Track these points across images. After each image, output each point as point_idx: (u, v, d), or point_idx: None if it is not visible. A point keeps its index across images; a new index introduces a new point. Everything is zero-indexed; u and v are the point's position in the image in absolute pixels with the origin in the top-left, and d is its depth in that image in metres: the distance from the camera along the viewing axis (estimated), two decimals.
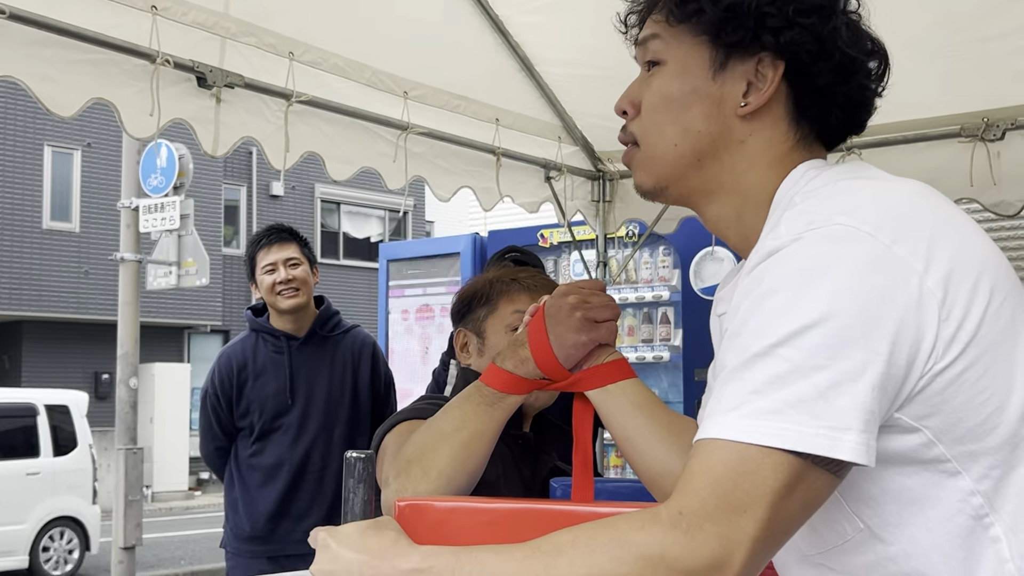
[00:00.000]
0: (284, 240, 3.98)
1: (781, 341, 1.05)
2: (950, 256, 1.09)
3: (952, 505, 1.10)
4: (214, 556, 11.93)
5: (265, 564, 3.88)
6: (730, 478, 1.04)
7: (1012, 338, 1.11)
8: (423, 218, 26.00)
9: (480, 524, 1.35)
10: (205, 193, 20.33)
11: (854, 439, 1.03)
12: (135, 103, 2.93)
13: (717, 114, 1.26)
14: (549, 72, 4.24)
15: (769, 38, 1.23)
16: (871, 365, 1.04)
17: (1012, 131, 3.85)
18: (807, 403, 1.03)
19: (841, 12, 1.25)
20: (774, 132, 1.26)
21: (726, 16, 1.24)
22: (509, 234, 5.60)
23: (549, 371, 1.61)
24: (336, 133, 3.61)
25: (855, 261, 1.06)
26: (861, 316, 1.04)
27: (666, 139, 1.30)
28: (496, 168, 4.21)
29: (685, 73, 1.28)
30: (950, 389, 1.08)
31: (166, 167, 10.07)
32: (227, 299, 22.83)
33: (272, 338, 3.97)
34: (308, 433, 3.90)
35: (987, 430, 1.09)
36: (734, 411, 1.06)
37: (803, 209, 1.15)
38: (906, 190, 1.17)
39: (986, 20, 3.49)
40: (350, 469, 1.25)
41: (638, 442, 1.57)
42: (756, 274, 1.12)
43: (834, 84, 1.25)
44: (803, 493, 1.05)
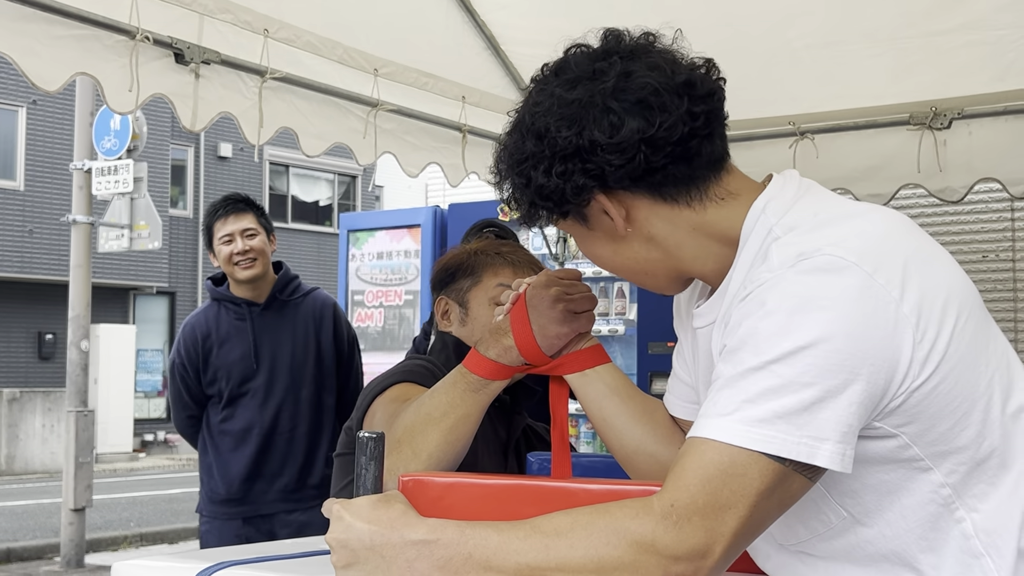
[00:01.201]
0: (240, 210, 4.04)
1: (776, 359, 1.19)
2: (921, 283, 1.22)
3: (925, 495, 1.26)
4: (161, 518, 11.95)
5: (240, 526, 3.99)
6: (720, 478, 1.18)
7: (975, 352, 1.26)
8: (374, 183, 25.92)
9: (477, 498, 1.46)
10: (152, 153, 20.10)
11: (830, 449, 1.18)
12: (117, 78, 2.99)
13: (617, 245, 1.44)
14: (515, 51, 4.33)
15: (566, 204, 1.39)
16: (852, 384, 1.18)
17: (958, 120, 4.01)
18: (793, 415, 1.18)
19: (592, 122, 1.33)
20: (661, 215, 1.39)
21: (541, 209, 1.41)
22: (470, 207, 5.68)
23: (532, 358, 1.72)
24: (310, 109, 3.68)
25: (843, 290, 1.20)
26: (847, 341, 1.18)
27: (628, 278, 1.51)
28: (462, 144, 4.31)
29: (581, 238, 1.48)
30: (925, 401, 1.22)
31: (120, 130, 10.00)
32: (173, 261, 22.65)
33: (234, 306, 4.05)
34: (275, 396, 4.00)
35: (956, 433, 1.24)
36: (728, 416, 1.20)
37: (789, 240, 1.28)
38: (883, 222, 1.30)
39: (936, 15, 3.63)
40: (363, 448, 1.35)
41: (613, 423, 1.68)
42: (755, 297, 1.25)
43: (636, 169, 1.34)
44: (781, 494, 1.20)
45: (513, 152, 1.41)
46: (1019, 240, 5.54)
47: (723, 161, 1.41)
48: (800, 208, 1.34)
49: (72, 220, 9.68)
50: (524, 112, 1.41)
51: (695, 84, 1.36)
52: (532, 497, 1.44)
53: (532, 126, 1.38)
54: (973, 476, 1.26)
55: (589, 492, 1.42)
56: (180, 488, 14.99)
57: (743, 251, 1.36)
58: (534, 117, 1.38)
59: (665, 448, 1.62)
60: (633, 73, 1.35)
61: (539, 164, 1.37)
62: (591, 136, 1.33)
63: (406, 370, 2.15)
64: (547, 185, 1.37)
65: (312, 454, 4.04)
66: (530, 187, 1.39)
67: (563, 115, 1.35)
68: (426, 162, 4.23)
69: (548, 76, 1.42)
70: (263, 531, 3.98)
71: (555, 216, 1.43)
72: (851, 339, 1.18)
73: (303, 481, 4.02)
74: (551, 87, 1.38)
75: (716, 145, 1.38)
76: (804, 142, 4.23)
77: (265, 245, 4.04)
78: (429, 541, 1.25)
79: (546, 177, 1.36)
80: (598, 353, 1.73)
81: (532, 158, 1.38)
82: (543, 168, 1.36)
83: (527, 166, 1.38)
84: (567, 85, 1.37)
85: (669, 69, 1.36)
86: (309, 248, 23.57)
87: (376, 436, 1.35)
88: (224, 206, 4.06)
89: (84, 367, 9.76)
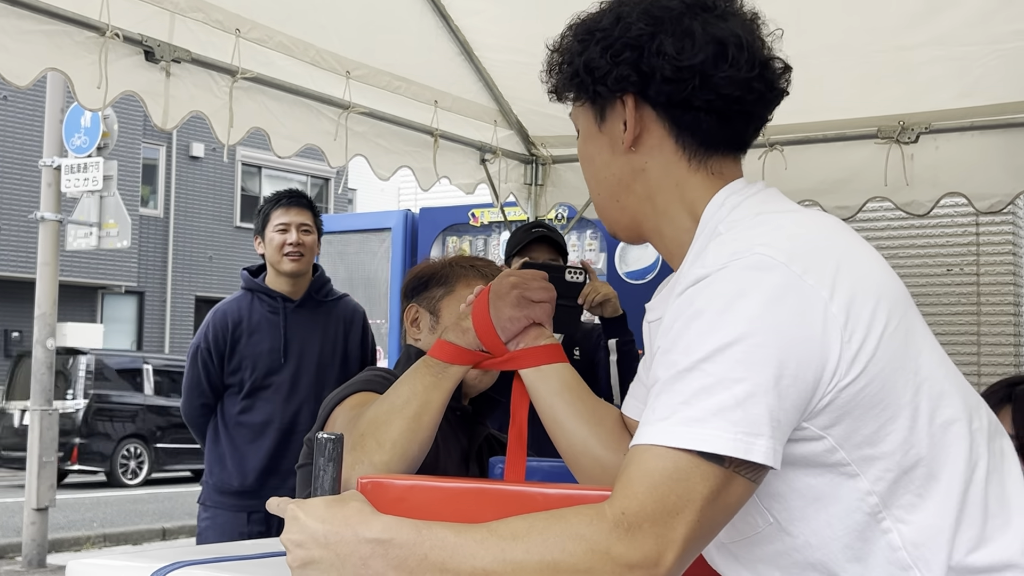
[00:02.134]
0: (302, 205, 4.09)
1: (706, 357, 1.20)
2: (851, 285, 1.24)
3: (851, 503, 1.26)
4: (125, 519, 11.86)
5: (243, 522, 3.95)
6: (665, 484, 1.19)
7: (903, 357, 1.26)
8: (346, 186, 25.87)
9: (436, 501, 1.47)
10: (123, 151, 19.98)
11: (765, 444, 1.18)
12: (87, 74, 2.98)
13: (612, 157, 1.46)
14: (488, 57, 4.34)
15: (602, 86, 1.42)
16: (781, 380, 1.19)
17: (925, 135, 4.06)
18: (727, 411, 1.18)
19: (669, 32, 1.38)
20: (664, 153, 1.42)
21: (577, 82, 1.45)
22: (441, 212, 5.69)
23: (487, 341, 1.75)
24: (281, 110, 3.67)
25: (770, 288, 1.21)
26: (774, 336, 1.19)
27: (593, 191, 1.54)
28: (434, 149, 4.31)
29: (586, 135, 1.50)
30: (852, 402, 1.23)
31: (90, 127, 9.94)
32: (142, 260, 22.51)
33: (268, 298, 4.05)
34: (299, 393, 3.99)
35: (881, 437, 1.25)
36: (666, 420, 1.20)
37: (727, 239, 1.30)
38: (817, 224, 1.32)
39: (905, 30, 3.67)
40: (320, 448, 1.35)
41: (563, 422, 1.70)
42: (686, 297, 1.26)
43: (679, 93, 1.38)
44: (726, 498, 1.20)
45: (588, 20, 1.44)
46: (984, 255, 5.60)
47: (740, 149, 1.46)
48: (746, 207, 1.37)
49: (40, 217, 9.60)
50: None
51: (770, 67, 1.41)
52: (491, 500, 1.44)
53: (618, 8, 1.41)
54: (900, 485, 1.26)
55: (547, 496, 1.43)
56: (144, 489, 14.89)
57: (695, 243, 1.39)
58: (625, 2, 1.41)
59: (610, 453, 1.63)
60: (729, 21, 1.39)
61: (603, 40, 1.40)
62: (661, 42, 1.36)
63: (365, 380, 2.18)
64: (596, 60, 1.40)
65: None
66: (583, 56, 1.42)
67: (649, 12, 1.38)
68: (397, 165, 4.23)
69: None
70: (266, 530, 3.93)
71: (583, 97, 1.46)
72: (778, 335, 1.19)
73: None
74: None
75: (747, 130, 1.44)
76: (773, 153, 4.26)
77: (315, 245, 4.10)
78: (384, 540, 1.24)
79: (601, 53, 1.39)
80: (555, 351, 1.75)
81: (601, 31, 1.41)
82: (603, 45, 1.40)
83: (593, 38, 1.41)
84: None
85: (759, 40, 1.42)
86: None
87: (335, 438, 1.35)
88: (288, 196, 4.10)
89: (50, 365, 9.68)
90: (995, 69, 3.73)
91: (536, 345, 1.75)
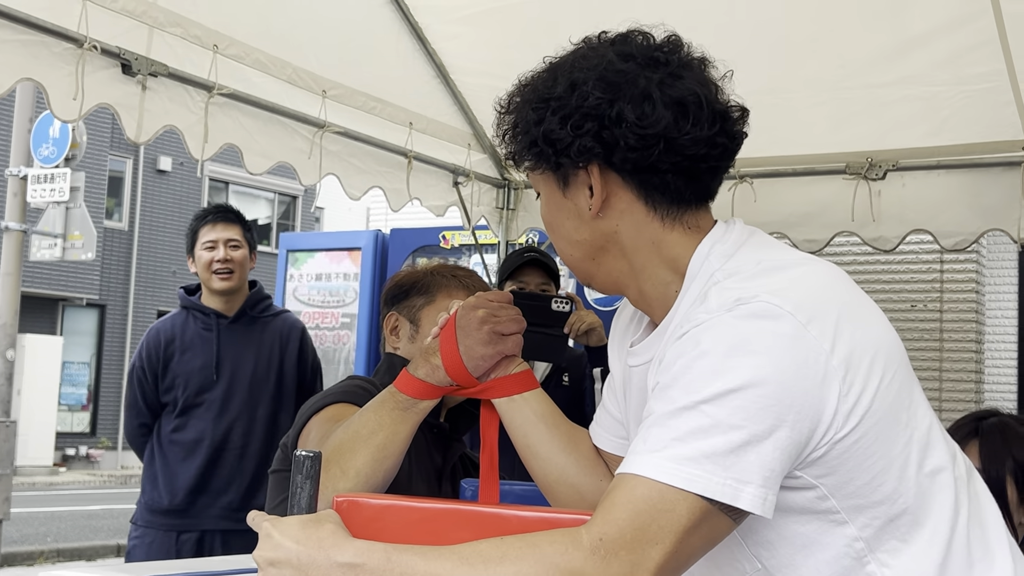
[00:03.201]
0: (229, 220, 4.05)
1: (707, 399, 1.21)
2: (851, 338, 1.26)
3: (839, 549, 1.29)
4: (80, 534, 11.72)
5: (174, 541, 3.90)
6: (648, 513, 1.20)
7: (897, 410, 1.29)
8: (313, 203, 25.78)
9: (411, 522, 1.46)
10: (89, 163, 19.83)
11: (753, 492, 1.20)
12: (63, 86, 2.96)
13: (580, 223, 1.45)
14: (463, 81, 4.37)
15: (564, 158, 1.40)
16: (778, 430, 1.21)
17: (893, 172, 4.11)
18: (720, 456, 1.20)
19: (628, 99, 1.37)
20: (635, 215, 1.42)
21: (536, 152, 1.43)
22: (412, 233, 5.70)
23: (459, 379, 1.72)
24: (255, 127, 3.67)
25: (776, 338, 1.22)
26: (777, 387, 1.21)
27: (564, 252, 1.52)
28: (407, 170, 4.32)
29: (550, 201, 1.49)
30: (846, 454, 1.25)
31: (59, 138, 9.88)
32: (105, 273, 22.31)
33: (202, 315, 4.02)
34: (231, 410, 3.95)
35: (873, 488, 1.27)
36: (658, 453, 1.22)
37: (729, 285, 1.31)
38: (819, 274, 1.34)
39: (876, 68, 3.73)
40: (299, 466, 1.35)
41: (538, 450, 1.69)
42: (691, 337, 1.27)
43: (645, 159, 1.37)
44: (706, 533, 1.22)
45: (540, 88, 1.42)
46: (947, 291, 5.68)
47: (709, 199, 1.46)
48: (742, 255, 1.37)
49: (4, 227, 9.51)
50: (568, 60, 1.43)
51: (729, 117, 1.42)
52: (465, 522, 1.44)
53: (570, 74, 1.40)
54: (886, 531, 1.29)
55: (522, 519, 1.42)
56: (100, 504, 14.71)
57: (686, 294, 1.39)
58: (576, 68, 1.40)
59: (587, 479, 1.63)
60: (684, 77, 1.39)
61: (560, 110, 1.38)
62: (621, 110, 1.36)
63: (344, 390, 2.15)
64: (557, 132, 1.38)
65: (261, 473, 3.96)
66: (540, 126, 1.40)
67: (605, 79, 1.37)
68: (369, 185, 4.24)
69: (604, 42, 1.44)
70: (197, 550, 3.89)
71: (544, 166, 1.44)
72: (781, 386, 1.21)
73: (249, 501, 3.94)
74: (606, 51, 1.41)
75: (714, 182, 1.45)
76: (743, 186, 4.30)
77: (246, 260, 4.05)
78: (355, 564, 1.25)
79: (560, 124, 1.38)
80: (527, 379, 1.74)
81: (556, 100, 1.39)
82: (561, 115, 1.38)
83: (548, 106, 1.40)
84: (621, 56, 1.39)
85: (715, 92, 1.42)
86: None
87: (313, 455, 1.35)
88: (215, 212, 4.07)
89: (9, 377, 9.57)
90: (962, 110, 3.80)
91: (508, 375, 1.72)
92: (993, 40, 3.41)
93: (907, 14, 3.49)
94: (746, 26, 3.68)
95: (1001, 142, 3.88)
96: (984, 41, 3.43)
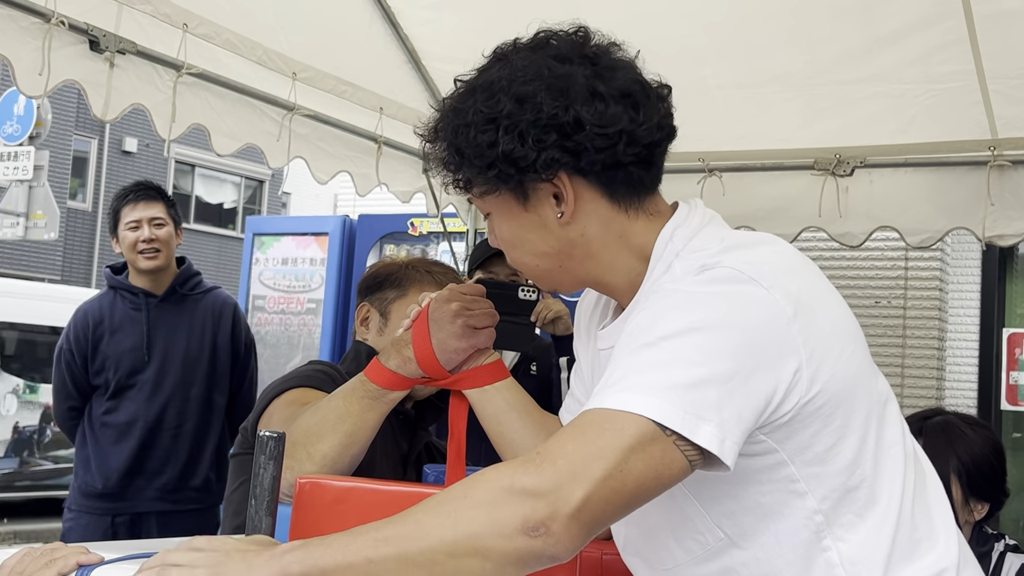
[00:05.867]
0: (151, 198, 3.98)
1: (668, 335, 1.20)
2: (811, 311, 1.26)
3: (799, 521, 1.29)
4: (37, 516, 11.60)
5: (108, 524, 3.86)
6: (594, 431, 1.16)
7: (858, 382, 1.31)
8: (280, 188, 25.64)
9: (374, 504, 1.47)
10: (54, 142, 19.60)
11: (711, 431, 1.16)
12: (29, 60, 2.92)
13: (546, 233, 1.42)
14: (435, 67, 4.35)
15: (531, 174, 1.36)
16: (739, 376, 1.19)
17: (860, 169, 4.14)
18: (680, 388, 1.17)
19: (580, 101, 1.34)
20: (600, 213, 1.40)
21: (495, 174, 1.37)
22: (379, 219, 5.68)
23: (431, 372, 1.73)
24: (224, 108, 3.63)
25: (741, 296, 1.23)
26: (740, 334, 1.21)
27: (529, 266, 1.48)
28: (377, 156, 4.30)
29: (509, 218, 1.44)
30: (807, 419, 1.26)
31: (23, 115, 9.76)
32: (68, 254, 22.08)
33: (130, 295, 3.96)
34: (164, 390, 3.90)
35: (831, 456, 1.28)
36: (612, 386, 1.20)
37: (695, 258, 1.32)
38: (783, 253, 1.35)
39: (846, 65, 3.75)
40: (262, 447, 1.34)
41: (511, 438, 1.71)
42: (655, 292, 1.29)
43: (611, 158, 1.36)
44: (656, 462, 1.16)
45: (479, 109, 1.35)
46: (911, 288, 5.73)
47: (660, 180, 1.45)
48: (706, 235, 1.38)
49: None
50: (500, 74, 1.37)
51: (665, 98, 1.41)
52: None
53: (510, 88, 1.34)
54: (843, 504, 1.29)
55: None
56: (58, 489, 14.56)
57: (650, 275, 1.39)
58: (516, 81, 1.34)
59: None
60: (618, 68, 1.37)
61: (514, 127, 1.33)
62: (577, 114, 1.32)
63: (305, 375, 2.15)
64: (518, 150, 1.33)
65: (197, 453, 3.94)
66: (495, 148, 1.34)
67: (553, 86, 1.33)
68: (337, 170, 4.21)
69: (524, 48, 1.40)
70: (132, 532, 3.84)
71: (502, 187, 1.38)
72: (743, 334, 1.21)
73: (184, 481, 3.91)
74: (539, 57, 1.36)
75: (663, 162, 1.43)
76: (712, 179, 4.32)
77: (171, 237, 3.98)
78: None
79: (519, 142, 1.33)
80: (498, 369, 1.75)
81: (508, 118, 1.33)
82: (517, 132, 1.33)
83: (497, 126, 1.34)
84: (558, 60, 1.36)
85: (644, 76, 1.40)
86: (210, 250, 23.18)
87: (277, 436, 1.35)
88: (135, 191, 3.99)
89: None
90: (930, 109, 3.83)
91: (478, 366, 1.74)
92: (963, 40, 3.44)
93: (878, 12, 3.51)
94: (718, 21, 3.70)
95: (968, 141, 3.92)
96: (954, 41, 3.46)
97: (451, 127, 1.39)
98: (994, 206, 3.85)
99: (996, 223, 3.89)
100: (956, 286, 6.01)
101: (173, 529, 3.81)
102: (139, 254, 3.90)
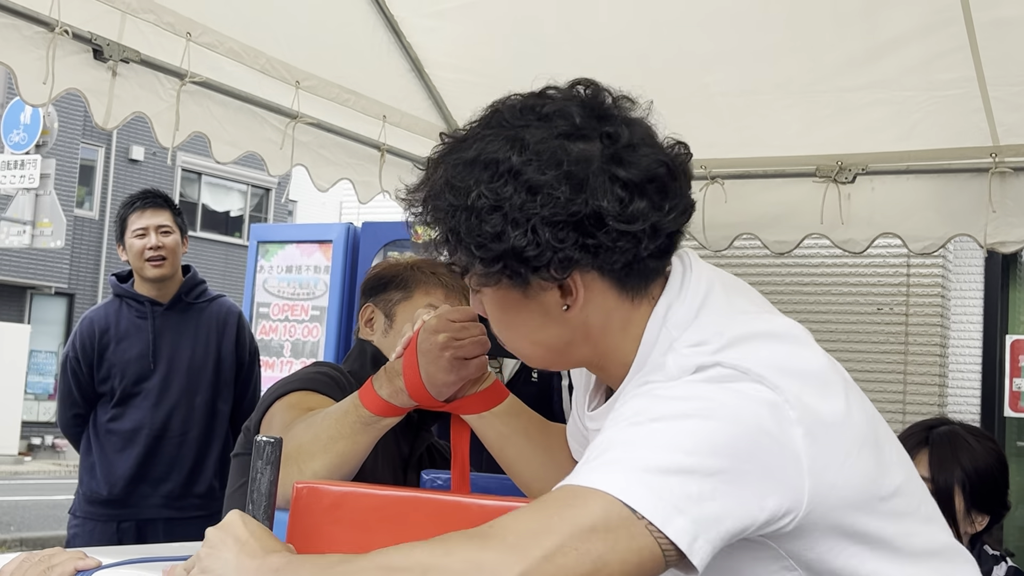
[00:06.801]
0: (158, 206, 4.01)
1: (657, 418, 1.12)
2: (818, 411, 1.16)
3: None
4: (43, 523, 11.63)
5: (114, 531, 3.88)
6: (556, 505, 1.08)
7: (866, 484, 1.20)
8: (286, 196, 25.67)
9: (371, 509, 1.47)
10: (61, 151, 19.66)
11: (683, 525, 1.06)
12: (33, 69, 2.94)
13: (545, 321, 1.29)
14: (438, 76, 4.36)
15: (543, 272, 1.21)
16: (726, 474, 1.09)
17: (862, 176, 4.14)
18: (659, 473, 1.07)
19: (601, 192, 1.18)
20: (606, 303, 1.27)
21: (499, 268, 1.22)
22: (383, 226, 5.67)
23: (423, 403, 1.70)
24: (226, 116, 3.65)
25: (738, 395, 1.13)
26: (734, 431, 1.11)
27: (524, 351, 1.36)
28: (380, 163, 4.31)
29: (506, 305, 1.30)
30: (809, 528, 1.17)
31: (30, 124, 9.80)
32: (75, 262, 22.13)
33: (136, 303, 3.99)
34: (169, 398, 3.93)
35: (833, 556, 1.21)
36: (591, 462, 1.12)
37: (691, 354, 1.20)
38: (786, 346, 1.22)
39: (847, 72, 3.76)
40: (259, 452, 1.35)
41: (514, 461, 1.69)
42: (647, 385, 1.20)
43: (632, 255, 1.22)
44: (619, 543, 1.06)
45: (485, 194, 1.19)
46: (913, 295, 5.72)
47: (669, 262, 1.31)
48: (705, 322, 1.25)
49: None
50: (505, 153, 1.20)
51: (688, 171, 1.27)
52: (426, 510, 1.45)
53: (521, 174, 1.18)
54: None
55: (483, 508, 1.43)
56: (65, 495, 14.58)
57: (641, 365, 1.28)
58: (527, 165, 1.18)
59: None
60: (638, 146, 1.21)
61: (524, 221, 1.17)
62: (597, 208, 1.17)
63: (309, 377, 2.13)
64: (528, 249, 1.18)
65: (201, 461, 3.96)
66: (501, 242, 1.19)
67: (571, 174, 1.17)
68: (338, 177, 4.22)
69: (530, 116, 1.23)
70: (138, 539, 3.86)
71: (507, 283, 1.24)
72: (738, 432, 1.11)
73: (189, 488, 3.93)
74: (548, 132, 1.20)
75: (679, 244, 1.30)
76: (714, 186, 4.32)
77: (178, 245, 4.01)
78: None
79: (531, 237, 1.17)
80: (494, 394, 1.70)
81: (519, 211, 1.17)
82: (529, 227, 1.17)
83: (502, 216, 1.18)
84: (569, 136, 1.20)
85: (664, 146, 1.25)
86: (216, 258, 23.23)
87: (274, 441, 1.35)
88: (142, 199, 4.02)
89: None
90: (932, 115, 3.83)
91: (474, 393, 1.69)
92: (964, 47, 3.44)
93: (879, 19, 3.51)
94: (720, 28, 3.70)
95: (970, 148, 3.92)
96: (955, 48, 3.46)
97: (447, 207, 1.23)
98: (996, 213, 3.85)
99: (998, 230, 3.89)
100: (959, 293, 6.00)
101: (178, 536, 3.81)
102: (146, 262, 3.93)
